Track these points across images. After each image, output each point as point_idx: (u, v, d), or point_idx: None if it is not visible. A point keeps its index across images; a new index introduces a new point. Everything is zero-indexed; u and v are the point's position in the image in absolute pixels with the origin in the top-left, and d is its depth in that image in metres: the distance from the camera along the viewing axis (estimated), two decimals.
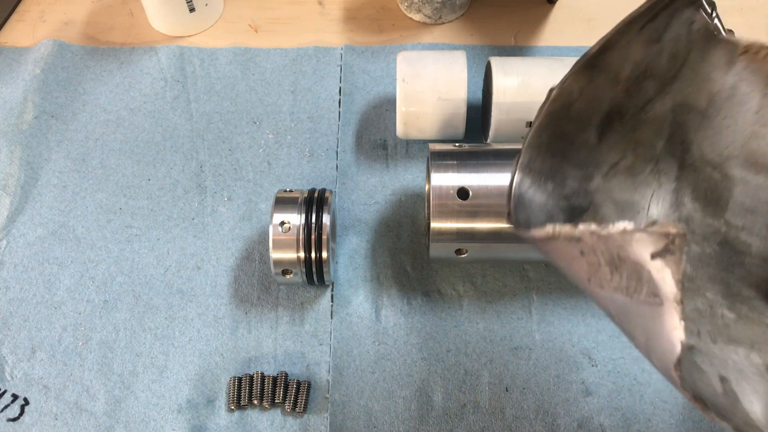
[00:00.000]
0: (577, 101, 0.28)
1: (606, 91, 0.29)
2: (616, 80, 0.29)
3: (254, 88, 0.52)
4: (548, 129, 0.28)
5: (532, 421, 0.38)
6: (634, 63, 0.29)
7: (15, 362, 0.40)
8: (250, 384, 0.38)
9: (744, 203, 0.29)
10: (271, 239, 0.38)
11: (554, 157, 0.28)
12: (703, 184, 0.30)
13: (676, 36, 0.29)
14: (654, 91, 0.30)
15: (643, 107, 0.30)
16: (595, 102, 0.29)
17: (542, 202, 0.28)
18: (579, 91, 0.28)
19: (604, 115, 0.29)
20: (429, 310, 0.41)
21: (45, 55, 0.53)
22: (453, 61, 0.44)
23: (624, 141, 0.30)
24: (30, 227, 0.45)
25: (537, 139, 0.28)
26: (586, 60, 0.28)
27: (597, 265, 0.21)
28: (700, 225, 0.29)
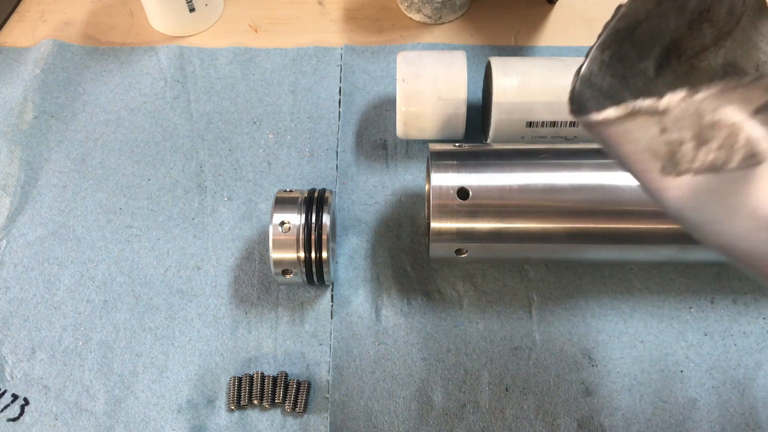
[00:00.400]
0: (642, 23, 0.28)
1: (670, 20, 0.29)
2: (683, 10, 0.29)
3: (254, 88, 0.52)
4: (611, 48, 0.28)
5: (532, 421, 0.38)
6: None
7: (15, 362, 0.40)
8: (250, 384, 0.38)
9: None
10: (271, 239, 0.38)
11: (613, 77, 0.28)
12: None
13: None
14: (710, 40, 0.30)
15: (699, 53, 0.30)
16: (659, 29, 0.29)
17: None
18: (646, 13, 0.28)
19: (664, 48, 0.29)
20: (429, 310, 0.41)
21: (45, 55, 0.53)
22: (453, 61, 0.44)
23: (678, 83, 0.30)
24: (30, 227, 0.45)
25: (599, 54, 0.27)
26: None
27: (679, 143, 0.19)
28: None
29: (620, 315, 0.41)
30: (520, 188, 0.37)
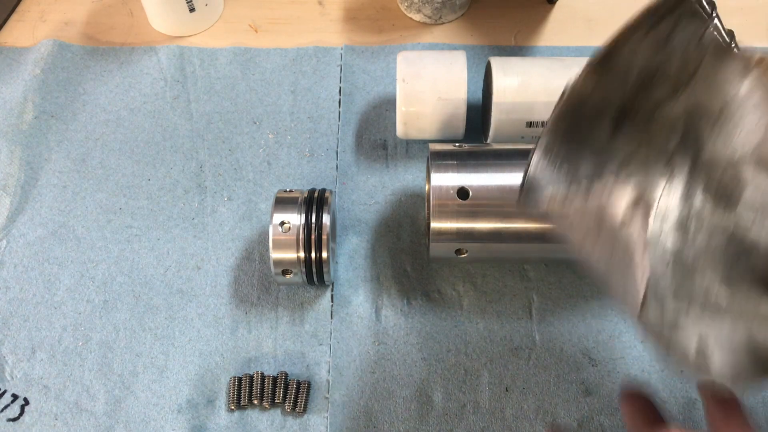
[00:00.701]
0: (589, 99, 0.30)
1: (617, 91, 0.30)
2: (626, 81, 0.30)
3: (254, 88, 0.52)
4: (565, 121, 0.30)
5: (532, 421, 0.38)
6: (643, 65, 0.30)
7: (15, 362, 0.40)
8: (250, 384, 0.38)
9: (755, 202, 0.31)
10: (271, 239, 0.38)
11: (571, 143, 0.30)
12: (714, 182, 0.32)
13: (686, 43, 0.31)
14: (666, 93, 0.31)
15: (656, 107, 0.31)
16: (606, 100, 0.30)
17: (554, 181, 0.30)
18: (590, 91, 0.30)
19: (617, 112, 0.31)
20: (429, 310, 0.41)
21: (45, 55, 0.53)
22: (453, 61, 0.44)
23: (637, 138, 0.32)
24: (30, 227, 0.45)
25: (556, 126, 0.30)
26: (596, 62, 0.29)
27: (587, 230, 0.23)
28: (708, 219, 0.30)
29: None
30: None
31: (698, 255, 0.29)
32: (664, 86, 0.31)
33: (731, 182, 0.31)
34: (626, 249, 0.21)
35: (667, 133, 0.31)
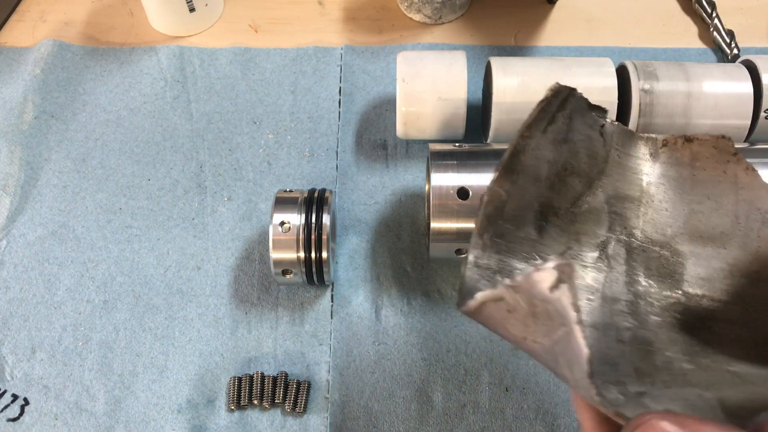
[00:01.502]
0: (507, 202, 0.30)
1: (532, 190, 0.31)
2: (538, 179, 0.31)
3: (254, 88, 0.52)
4: (488, 230, 0.30)
5: (532, 421, 0.38)
6: (549, 162, 0.31)
7: (15, 362, 0.40)
8: (250, 384, 0.38)
9: (699, 273, 0.31)
10: (271, 239, 0.38)
11: (499, 253, 0.30)
12: (653, 262, 0.32)
13: (588, 137, 0.32)
14: (582, 187, 0.32)
15: (575, 202, 0.32)
16: (524, 201, 0.31)
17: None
18: (506, 194, 0.30)
19: (538, 212, 0.31)
20: (429, 310, 0.41)
21: (45, 55, 0.53)
22: (453, 61, 0.44)
23: (565, 233, 0.32)
24: (30, 227, 0.45)
25: (480, 240, 0.30)
26: (503, 166, 0.30)
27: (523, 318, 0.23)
28: (657, 298, 0.31)
29: None
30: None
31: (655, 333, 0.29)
32: (579, 181, 0.32)
33: (670, 260, 0.32)
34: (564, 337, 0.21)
35: (593, 226, 0.32)
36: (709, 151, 0.31)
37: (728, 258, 0.31)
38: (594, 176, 0.32)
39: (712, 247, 0.31)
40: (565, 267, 0.20)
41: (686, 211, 0.32)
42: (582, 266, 0.31)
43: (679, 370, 0.27)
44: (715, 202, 0.31)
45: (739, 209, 0.31)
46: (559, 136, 0.31)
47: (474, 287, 0.28)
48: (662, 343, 0.28)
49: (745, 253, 0.30)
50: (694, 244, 0.31)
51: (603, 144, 0.32)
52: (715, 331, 0.29)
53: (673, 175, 0.32)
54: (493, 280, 0.29)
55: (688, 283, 0.31)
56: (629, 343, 0.28)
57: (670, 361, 0.27)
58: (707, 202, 0.31)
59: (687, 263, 0.31)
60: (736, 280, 0.30)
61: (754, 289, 0.30)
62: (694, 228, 0.32)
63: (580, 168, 0.32)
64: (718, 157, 0.31)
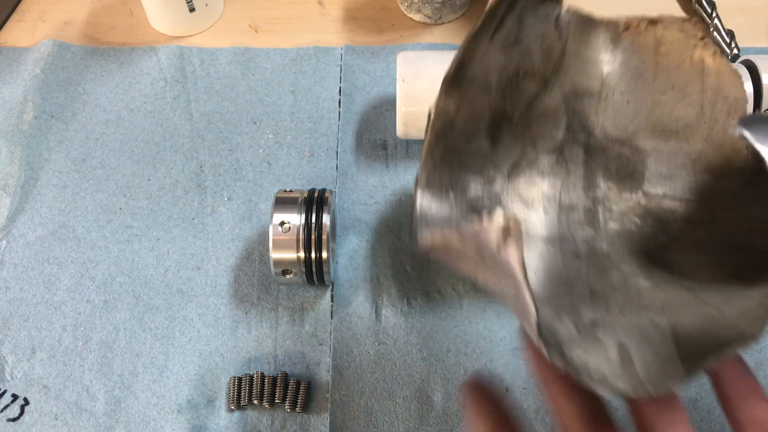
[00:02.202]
0: (456, 117, 0.28)
1: (482, 101, 0.29)
2: (488, 89, 0.29)
3: (254, 88, 0.52)
4: (438, 146, 0.28)
5: (532, 421, 0.38)
6: (500, 69, 0.28)
7: (15, 362, 0.40)
8: (250, 384, 0.38)
9: (660, 171, 0.29)
10: (271, 239, 0.38)
11: (451, 168, 0.28)
12: (613, 162, 0.30)
13: (542, 33, 0.29)
14: (536, 88, 0.30)
15: (530, 105, 0.30)
16: (474, 114, 0.29)
17: (447, 215, 0.28)
18: (455, 108, 0.28)
19: (490, 123, 0.29)
20: (429, 310, 0.41)
21: (45, 55, 0.53)
22: None
23: (520, 140, 0.30)
24: (30, 227, 0.45)
25: (430, 157, 0.28)
26: (448, 80, 0.28)
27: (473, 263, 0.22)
28: (616, 201, 0.29)
29: None
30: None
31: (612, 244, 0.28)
32: (533, 83, 0.29)
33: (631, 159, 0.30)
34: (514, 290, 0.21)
35: (550, 129, 0.30)
36: (674, 35, 0.28)
37: (691, 153, 0.29)
38: (549, 74, 0.29)
39: (675, 141, 0.29)
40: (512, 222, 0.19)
41: (648, 103, 0.29)
42: (539, 173, 0.29)
43: (635, 288, 0.26)
44: (680, 92, 0.29)
45: (705, 98, 0.28)
46: (509, 40, 0.28)
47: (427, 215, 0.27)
48: (619, 255, 0.27)
49: (710, 147, 0.28)
50: (656, 139, 0.29)
51: (558, 37, 0.29)
52: (675, 235, 0.28)
53: (635, 63, 0.29)
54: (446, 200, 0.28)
55: (649, 182, 0.29)
56: (585, 259, 0.27)
57: (626, 277, 0.26)
58: (671, 92, 0.29)
59: (648, 161, 0.29)
60: (699, 176, 0.28)
61: (717, 185, 0.28)
62: (657, 121, 0.29)
63: (534, 68, 0.29)
64: (684, 42, 0.28)
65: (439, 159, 0.28)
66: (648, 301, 0.25)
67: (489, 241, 0.20)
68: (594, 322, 0.23)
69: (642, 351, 0.21)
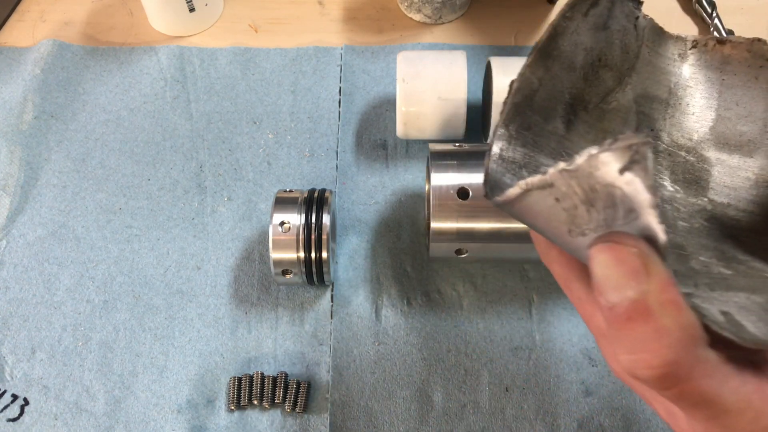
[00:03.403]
0: (538, 91, 0.29)
1: (564, 80, 0.29)
2: (572, 67, 0.29)
3: (254, 88, 0.52)
4: (515, 121, 0.28)
5: (532, 421, 0.38)
6: (586, 50, 0.29)
7: (15, 362, 0.40)
8: (250, 384, 0.38)
9: (725, 182, 0.30)
10: (271, 239, 0.38)
11: (525, 146, 0.29)
12: (679, 167, 0.31)
13: (623, 28, 0.30)
14: (613, 82, 0.31)
15: (605, 97, 0.31)
16: (555, 91, 0.29)
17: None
18: (538, 81, 0.29)
19: (568, 105, 0.30)
20: (429, 310, 0.41)
21: (45, 55, 0.53)
22: (453, 61, 0.44)
23: (593, 130, 0.31)
24: (30, 227, 0.45)
25: (506, 131, 0.28)
26: (539, 48, 0.28)
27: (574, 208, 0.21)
28: (683, 203, 0.30)
29: None
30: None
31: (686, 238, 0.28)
32: (611, 75, 0.30)
33: (696, 166, 0.31)
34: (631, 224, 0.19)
35: (620, 126, 0.31)
36: (741, 54, 0.30)
37: (754, 167, 0.30)
38: (625, 72, 0.31)
39: (739, 155, 0.30)
40: (640, 145, 0.18)
41: (713, 116, 0.31)
42: None
43: (719, 274, 0.26)
44: (744, 109, 0.30)
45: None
46: (599, 21, 0.29)
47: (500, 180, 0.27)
48: (694, 248, 0.28)
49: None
50: (720, 150, 0.30)
51: (635, 38, 0.30)
52: (742, 240, 0.29)
53: (701, 78, 0.31)
54: (519, 175, 0.28)
55: (713, 190, 0.30)
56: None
57: (707, 265, 0.26)
58: (735, 108, 0.30)
59: (713, 170, 0.30)
60: (762, 191, 0.29)
61: None
62: (721, 134, 0.30)
63: (614, 61, 0.30)
64: (750, 62, 0.29)
65: (515, 133, 0.28)
66: (735, 284, 0.25)
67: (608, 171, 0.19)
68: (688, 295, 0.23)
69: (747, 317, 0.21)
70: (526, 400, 0.38)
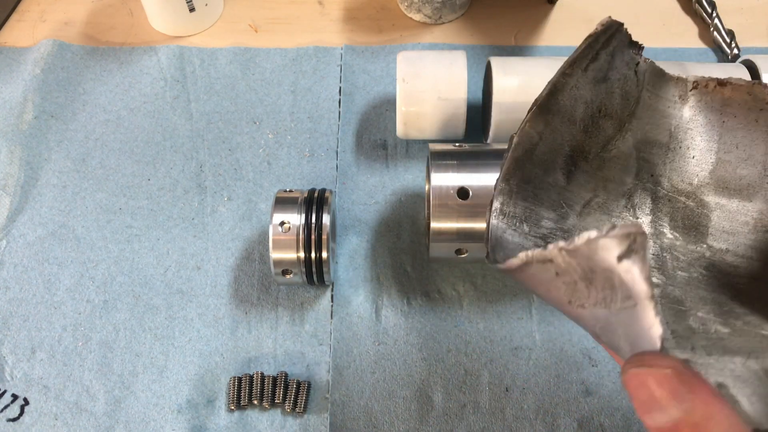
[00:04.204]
0: (538, 145, 0.29)
1: (565, 133, 0.30)
2: (572, 121, 0.30)
3: (254, 88, 0.52)
4: (515, 175, 0.29)
5: (532, 421, 0.38)
6: (586, 103, 0.30)
7: (15, 362, 0.40)
8: (250, 384, 0.38)
9: (724, 227, 0.30)
10: (271, 239, 0.38)
11: (526, 200, 0.29)
12: (679, 213, 0.31)
13: (623, 76, 0.30)
14: (613, 130, 0.31)
15: (605, 146, 0.31)
16: (556, 144, 0.30)
17: (520, 242, 0.29)
18: (538, 136, 0.29)
19: (568, 157, 0.30)
20: (429, 310, 0.41)
21: (45, 55, 0.53)
22: (453, 61, 0.44)
23: (593, 180, 0.31)
24: (30, 227, 0.45)
25: (506, 185, 0.29)
26: (539, 105, 0.29)
27: (573, 283, 0.21)
28: (683, 252, 0.30)
29: None
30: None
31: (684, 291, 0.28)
32: (611, 123, 0.31)
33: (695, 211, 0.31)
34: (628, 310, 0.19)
35: (621, 173, 0.31)
36: (742, 97, 0.30)
37: (753, 212, 0.30)
38: (625, 119, 0.31)
39: (738, 199, 0.30)
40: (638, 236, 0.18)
41: (713, 160, 0.30)
42: (608, 216, 0.30)
43: (716, 333, 0.26)
44: (744, 152, 0.30)
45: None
46: (599, 75, 0.29)
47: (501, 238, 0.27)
48: (693, 302, 0.27)
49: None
50: (719, 195, 0.30)
51: (636, 84, 0.31)
52: (741, 288, 0.29)
53: (702, 120, 0.31)
54: (520, 230, 0.28)
55: (712, 236, 0.30)
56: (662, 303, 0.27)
57: (704, 322, 0.26)
58: (735, 152, 0.30)
59: (712, 215, 0.30)
60: (760, 236, 0.29)
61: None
62: (721, 178, 0.30)
63: (613, 110, 0.30)
64: (751, 105, 0.29)
65: (515, 187, 0.29)
66: (732, 346, 0.25)
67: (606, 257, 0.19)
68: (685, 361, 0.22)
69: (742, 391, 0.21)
70: (526, 400, 0.38)
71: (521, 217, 0.29)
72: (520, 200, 0.29)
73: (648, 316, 0.19)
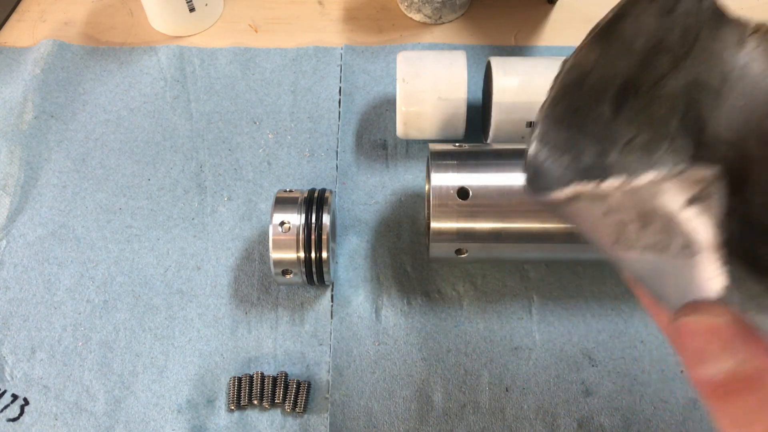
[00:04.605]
0: (591, 72, 0.28)
1: (620, 63, 0.28)
2: (630, 51, 0.28)
3: (254, 88, 0.52)
4: (563, 101, 0.27)
5: (532, 421, 0.38)
6: (647, 34, 0.28)
7: (15, 362, 0.40)
8: (250, 384, 0.38)
9: (763, 182, 0.29)
10: (271, 239, 0.38)
11: (570, 129, 0.28)
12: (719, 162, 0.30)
13: (687, 10, 0.29)
14: (667, 67, 0.29)
15: (657, 82, 0.30)
16: (609, 74, 0.28)
17: (559, 174, 0.27)
18: (593, 62, 0.28)
19: (619, 88, 0.29)
20: (429, 310, 0.41)
21: (45, 55, 0.53)
22: (453, 61, 0.44)
23: (639, 117, 0.30)
24: (30, 227, 0.45)
25: (552, 110, 0.27)
26: (600, 29, 0.27)
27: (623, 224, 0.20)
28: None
29: (620, 315, 0.41)
30: (520, 188, 0.37)
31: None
32: (666, 60, 0.29)
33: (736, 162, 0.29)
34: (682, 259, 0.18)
35: (667, 114, 0.30)
36: None
37: None
38: (681, 56, 0.29)
39: None
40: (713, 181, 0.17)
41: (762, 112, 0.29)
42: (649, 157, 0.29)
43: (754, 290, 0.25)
44: None
45: None
46: (667, 5, 0.28)
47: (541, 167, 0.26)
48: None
49: None
50: (764, 148, 0.29)
51: (697, 20, 0.29)
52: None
53: (756, 68, 0.29)
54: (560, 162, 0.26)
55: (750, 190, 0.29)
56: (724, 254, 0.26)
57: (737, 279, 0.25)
58: None
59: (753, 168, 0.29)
60: None
61: None
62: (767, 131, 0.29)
63: (672, 45, 0.29)
64: None
65: (561, 114, 0.27)
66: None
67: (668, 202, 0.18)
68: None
69: None
70: (526, 400, 0.38)
71: (563, 146, 0.27)
72: (564, 128, 0.27)
73: (710, 268, 0.17)
